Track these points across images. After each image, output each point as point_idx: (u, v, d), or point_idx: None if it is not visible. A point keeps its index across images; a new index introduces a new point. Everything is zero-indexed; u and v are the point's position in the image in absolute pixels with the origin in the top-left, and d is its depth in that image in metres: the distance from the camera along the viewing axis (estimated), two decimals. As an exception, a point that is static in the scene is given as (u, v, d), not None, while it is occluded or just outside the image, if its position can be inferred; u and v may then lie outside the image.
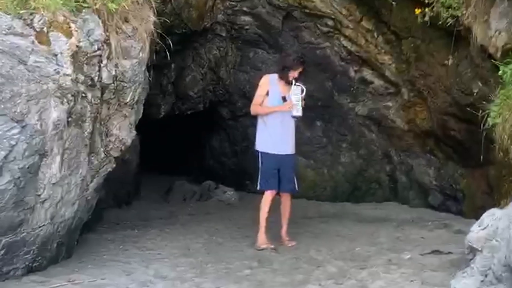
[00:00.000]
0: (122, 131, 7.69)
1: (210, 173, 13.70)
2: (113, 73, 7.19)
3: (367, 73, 11.38)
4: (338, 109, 11.97)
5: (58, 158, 6.42)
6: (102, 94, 7.21)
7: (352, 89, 11.72)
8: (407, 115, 10.93)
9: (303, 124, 11.95)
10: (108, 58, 7.13)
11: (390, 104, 11.32)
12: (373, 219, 10.18)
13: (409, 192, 11.41)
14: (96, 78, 6.98)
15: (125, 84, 7.41)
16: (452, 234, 8.91)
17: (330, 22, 11.16)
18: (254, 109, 8.43)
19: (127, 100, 7.52)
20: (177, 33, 11.86)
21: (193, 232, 9.00)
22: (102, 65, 7.07)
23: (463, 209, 10.16)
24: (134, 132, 7.85)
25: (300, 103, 8.12)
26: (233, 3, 11.80)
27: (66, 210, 6.86)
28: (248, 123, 12.67)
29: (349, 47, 11.24)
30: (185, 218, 10.12)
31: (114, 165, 7.78)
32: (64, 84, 6.39)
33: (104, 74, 7.11)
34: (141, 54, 7.55)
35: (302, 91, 8.22)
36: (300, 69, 8.20)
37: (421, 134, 10.85)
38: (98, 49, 6.95)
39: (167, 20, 11.40)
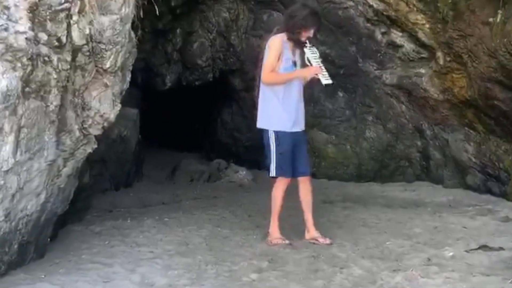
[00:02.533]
0: (103, 103, 6.20)
1: (222, 150, 12.26)
2: (87, 31, 5.70)
3: (397, 36, 9.81)
4: (363, 78, 10.42)
5: (10, 139, 4.94)
6: (73, 58, 5.72)
7: (379, 54, 10.17)
8: (442, 83, 9.36)
9: (323, 94, 10.47)
10: (80, 13, 5.63)
11: (422, 71, 9.75)
12: (404, 204, 8.68)
13: (443, 171, 9.88)
14: (64, 37, 5.48)
15: (103, 46, 5.91)
16: (499, 222, 7.50)
17: (353, -22, 9.55)
18: (270, 77, 6.72)
19: (107, 66, 6.02)
20: (181, -7, 10.39)
21: (195, 222, 7.54)
22: (72, 21, 5.57)
23: (508, 191, 8.65)
24: (119, 105, 6.35)
25: (323, 66, 6.57)
26: (244, -41, 10.24)
27: (28, 202, 5.42)
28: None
29: (375, 6, 9.65)
30: (189, 204, 8.65)
31: (95, 145, 6.28)
32: (15, 44, 4.88)
33: (75, 33, 5.62)
34: (124, 9, 6.04)
35: (317, 52, 6.65)
36: (315, 27, 6.58)
37: (458, 105, 9.28)
38: (66, 1, 5.41)
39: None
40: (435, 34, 9.18)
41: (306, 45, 6.60)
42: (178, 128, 13.37)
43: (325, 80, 6.51)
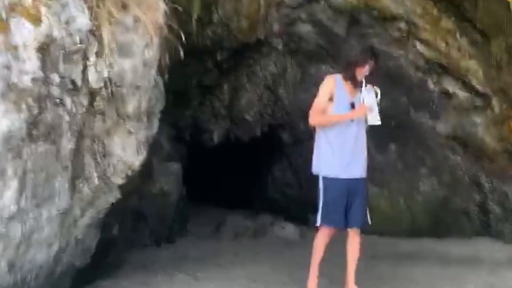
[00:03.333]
0: (127, 151, 5.84)
1: (272, 206, 11.74)
2: (105, 74, 5.37)
3: (449, 84, 9.26)
4: (415, 129, 9.83)
5: (13, 183, 4.57)
6: (91, 102, 5.36)
7: (431, 104, 9.57)
8: (499, 132, 8.75)
9: (374, 146, 9.90)
10: (97, 55, 5.30)
11: (478, 120, 9.14)
12: (459, 260, 8.00)
13: (504, 225, 9.13)
14: (80, 80, 5.15)
15: (124, 90, 5.55)
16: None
17: (402, 25, 9.11)
18: (315, 118, 6.27)
19: (129, 111, 5.66)
20: (227, 47, 10.07)
21: (229, 278, 7.01)
22: (88, 63, 5.23)
23: None
24: (144, 153, 5.96)
25: (377, 108, 6.03)
26: (289, 10, 9.86)
27: (37, 253, 5.00)
28: (313, 148, 10.68)
29: (426, 54, 9.13)
30: (228, 259, 8.12)
31: (119, 195, 5.87)
32: (20, 84, 4.54)
33: (92, 76, 5.28)
34: (146, 53, 5.70)
35: (377, 95, 6.13)
36: (370, 65, 6.08)
37: (517, 155, 8.60)
38: (81, 42, 5.10)
39: (215, 32, 9.79)
40: (489, 81, 8.62)
41: (363, 85, 6.09)
42: (228, 184, 12.94)
43: (372, 119, 5.99)
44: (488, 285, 6.55)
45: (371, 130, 10.08)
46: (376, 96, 6.06)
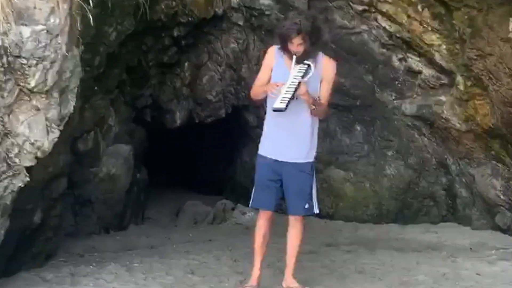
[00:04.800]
0: (34, 130, 5.15)
1: (240, 191, 11.02)
2: (-1, 43, 4.64)
3: (414, 61, 8.52)
4: (381, 109, 9.13)
5: None
6: (-16, 74, 4.66)
7: (397, 82, 8.83)
8: (464, 111, 8.03)
9: (339, 128, 9.23)
10: (-13, 20, 4.57)
11: (443, 98, 8.41)
12: (418, 247, 7.32)
13: (471, 210, 8.43)
14: (-35, 49, 4.43)
15: (24, 61, 4.84)
16: (522, 269, 6.00)
17: (364, -2, 8.35)
18: (252, 89, 5.64)
19: (32, 85, 4.95)
20: (183, 23, 9.36)
21: (167, 268, 6.36)
22: (-24, 30, 4.52)
23: (542, 232, 7.16)
24: (56, 133, 5.25)
25: (293, 90, 5.21)
26: (248, -18, 9.18)
27: None
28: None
29: (388, 28, 8.40)
30: (175, 248, 7.46)
31: (27, 178, 5.18)
32: None
33: (-19, 44, 4.56)
34: (52, 20, 5.00)
35: (307, 72, 5.29)
36: (297, 39, 5.26)
37: (483, 135, 7.92)
38: (-34, 6, 4.40)
39: (169, 6, 9.08)
40: (453, 56, 7.88)
41: (294, 58, 5.31)
42: (196, 168, 12.27)
43: (278, 103, 5.21)
44: (439, 275, 5.88)
45: (336, 111, 9.49)
46: (306, 74, 5.26)
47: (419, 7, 7.95)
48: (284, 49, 5.33)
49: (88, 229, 8.12)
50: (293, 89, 5.15)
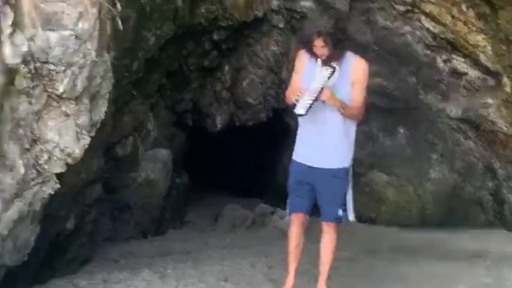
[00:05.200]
0: (64, 136, 5.05)
1: (283, 195, 10.82)
2: (24, 49, 4.57)
3: (459, 62, 8.24)
4: (425, 111, 8.86)
5: None
6: (12, 80, 4.60)
7: (441, 84, 8.56)
8: (511, 114, 7.68)
9: (382, 131, 9.00)
10: (14, 26, 4.51)
11: (489, 100, 8.11)
12: (462, 255, 7.02)
13: (519, 216, 8.10)
14: (-10, 55, 4.36)
15: (52, 67, 4.75)
16: None
17: (407, -2, 8.11)
18: (286, 95, 5.46)
19: (61, 91, 4.86)
20: (223, 26, 9.24)
21: (200, 275, 6.24)
22: (2, 36, 4.45)
23: None
24: (87, 139, 5.16)
25: (313, 96, 4.99)
26: (288, -16, 9.00)
27: None
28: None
29: (432, 29, 8.13)
30: (208, 254, 7.31)
31: (58, 185, 5.11)
32: None
33: (7, 50, 4.48)
34: (80, 25, 4.90)
35: (332, 75, 5.08)
36: (319, 42, 5.04)
37: (530, 139, 7.57)
38: (-9, 12, 4.34)
39: (209, 10, 8.97)
40: (498, 57, 7.57)
41: (319, 61, 5.11)
42: (237, 171, 12.13)
43: (298, 108, 5.01)
44: (481, 285, 5.60)
45: (379, 113, 9.26)
46: (329, 77, 5.05)
47: (464, 7, 7.69)
48: (310, 52, 5.13)
49: (126, 234, 8.04)
50: (316, 94, 4.96)
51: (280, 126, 10.57)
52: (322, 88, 4.98)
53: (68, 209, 5.96)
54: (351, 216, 5.36)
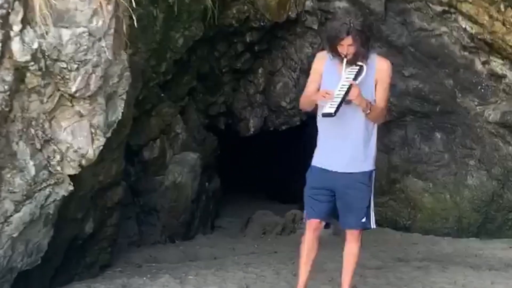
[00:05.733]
0: (78, 137, 4.89)
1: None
2: (35, 45, 4.41)
3: (497, 64, 7.88)
4: (462, 115, 8.50)
5: None
6: (22, 78, 4.45)
7: (479, 87, 8.20)
8: (553, 118, 7.32)
9: (418, 136, 8.68)
10: (23, 22, 4.36)
11: (530, 105, 7.74)
12: (496, 265, 6.68)
13: (561, 226, 7.70)
14: (-2, 51, 4.23)
15: (64, 65, 4.59)
16: None
17: (443, -3, 7.79)
18: (300, 99, 5.17)
19: (73, 90, 4.70)
20: (255, 28, 9.03)
21: (221, 281, 6.01)
22: (12, 33, 4.31)
23: None
24: (102, 140, 4.98)
25: (342, 94, 4.73)
26: (323, -16, 8.75)
27: None
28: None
29: (469, 29, 7.79)
30: (233, 260, 7.09)
31: (71, 187, 4.94)
32: None
33: (16, 46, 4.33)
34: (94, 22, 4.72)
35: (359, 73, 4.82)
36: (347, 40, 4.78)
37: None
38: (1, 7, 4.20)
39: (240, 10, 8.78)
40: (539, 59, 7.21)
41: (345, 60, 4.83)
42: (269, 175, 11.90)
43: (327, 108, 4.72)
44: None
45: (415, 117, 8.93)
46: (358, 75, 4.78)
47: (502, 7, 7.35)
48: (334, 51, 4.85)
49: (153, 238, 7.88)
50: (344, 93, 4.68)
51: (314, 130, 10.30)
52: (350, 87, 4.71)
53: (86, 212, 5.81)
54: (373, 224, 5.07)
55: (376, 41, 8.82)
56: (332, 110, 4.65)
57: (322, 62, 5.01)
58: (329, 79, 4.90)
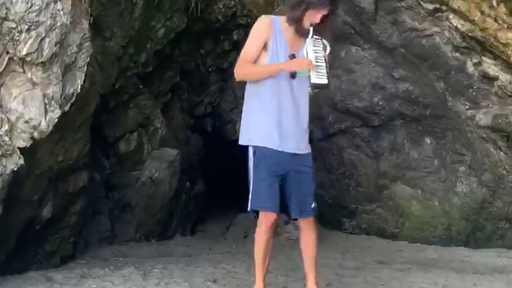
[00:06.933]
0: (29, 107, 4.50)
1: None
2: (-20, 1, 4.03)
3: (489, 65, 7.44)
4: (453, 120, 8.05)
5: None
6: (-36, 36, 4.07)
7: (471, 90, 7.77)
8: (545, 122, 6.88)
9: (407, 141, 8.27)
10: (-32, -25, 3.99)
11: (522, 107, 7.31)
12: (482, 269, 6.18)
13: (552, 235, 7.22)
14: None
15: (14, 25, 4.20)
16: None
17: (435, -7, 7.40)
18: (240, 69, 4.49)
19: (24, 53, 4.31)
20: (243, 25, 8.67)
21: (188, 275, 5.62)
22: (-46, -15, 3.94)
23: None
24: (57, 112, 4.58)
25: (323, 63, 4.35)
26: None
27: None
28: (344, 143, 9.13)
29: (460, 27, 7.38)
30: (207, 257, 6.65)
31: (22, 161, 4.53)
32: None
33: (-42, 1, 3.96)
34: (49, -18, 4.32)
35: (325, 48, 4.46)
36: (325, 10, 4.39)
37: None
38: None
39: (227, 6, 8.41)
40: (532, 58, 6.79)
41: (311, 32, 4.44)
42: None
43: (317, 78, 4.31)
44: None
45: (404, 122, 8.51)
46: (325, 50, 4.40)
47: (494, 2, 6.92)
48: (298, 20, 4.41)
49: (127, 236, 7.47)
50: (323, 62, 4.29)
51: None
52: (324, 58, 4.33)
53: (44, 194, 5.38)
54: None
55: (366, 42, 8.47)
56: (326, 80, 4.26)
57: (269, 28, 4.54)
58: (275, 48, 4.46)
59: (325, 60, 4.40)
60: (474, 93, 7.80)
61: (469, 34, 7.30)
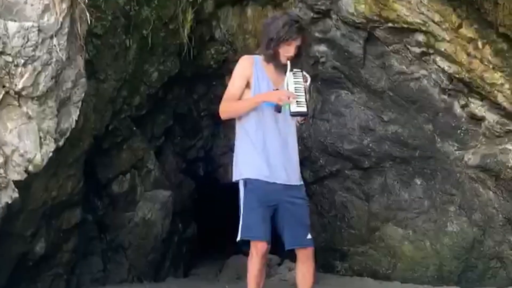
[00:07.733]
0: (25, 140, 4.50)
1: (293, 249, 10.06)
2: (-23, 35, 4.09)
3: (476, 106, 7.54)
4: (442, 160, 8.11)
5: None
6: (-38, 70, 4.12)
7: (459, 131, 7.85)
8: (533, 161, 6.95)
9: (398, 182, 8.30)
10: (-35, 10, 4.06)
11: (509, 146, 7.38)
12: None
13: (544, 273, 7.21)
14: None
15: (10, 59, 4.25)
16: None
17: (421, 38, 7.53)
18: (223, 106, 4.77)
19: (20, 87, 4.36)
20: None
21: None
22: (-48, 20, 4.00)
23: None
24: (52, 146, 4.61)
25: (303, 94, 4.46)
26: (302, 26, 8.45)
27: None
28: (335, 187, 9.16)
29: (447, 69, 7.49)
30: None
31: (16, 194, 4.53)
32: None
33: (-45, 35, 4.02)
34: (46, 19, 4.41)
35: (305, 79, 4.59)
36: (297, 41, 4.51)
37: (555, 187, 6.79)
38: None
39: (218, 51, 8.52)
40: (517, 97, 6.89)
41: (289, 66, 4.56)
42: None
43: (297, 107, 4.41)
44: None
45: (394, 163, 8.56)
46: (305, 81, 4.51)
47: (480, 44, 7.05)
48: (274, 56, 4.53)
49: (119, 277, 7.40)
50: (302, 93, 4.37)
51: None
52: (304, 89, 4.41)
53: (37, 229, 5.36)
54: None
55: (355, 86, 8.57)
56: (305, 109, 4.36)
57: (250, 66, 4.68)
58: (260, 86, 4.58)
59: (305, 90, 4.51)
60: (462, 134, 7.87)
61: (456, 75, 7.40)
